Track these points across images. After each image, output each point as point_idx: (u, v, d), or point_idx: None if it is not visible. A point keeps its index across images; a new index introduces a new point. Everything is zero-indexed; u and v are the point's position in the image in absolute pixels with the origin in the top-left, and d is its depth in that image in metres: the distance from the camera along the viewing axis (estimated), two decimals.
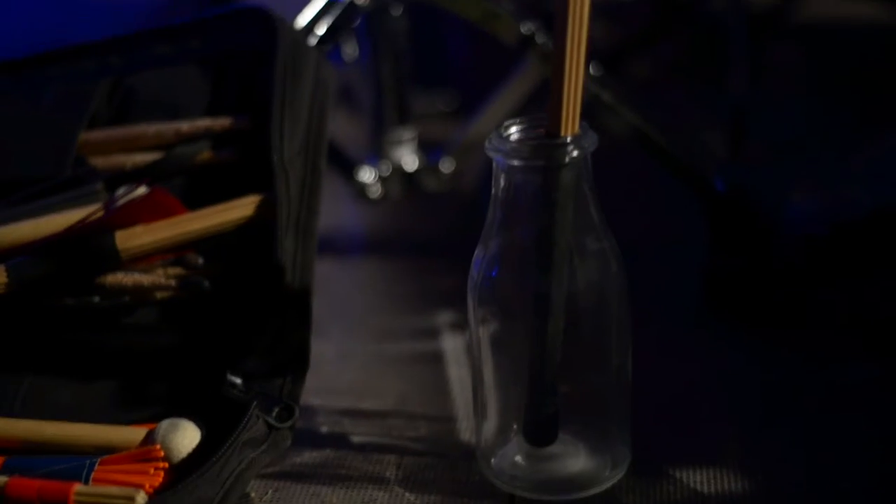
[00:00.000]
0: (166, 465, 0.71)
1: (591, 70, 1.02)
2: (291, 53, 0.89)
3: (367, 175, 1.04)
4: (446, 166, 1.05)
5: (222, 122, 0.88)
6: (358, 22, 1.01)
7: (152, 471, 0.70)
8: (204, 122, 0.89)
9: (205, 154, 0.88)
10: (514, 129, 0.71)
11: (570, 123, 0.69)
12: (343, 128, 1.30)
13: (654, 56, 1.70)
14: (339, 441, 0.81)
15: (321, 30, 0.97)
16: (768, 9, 1.71)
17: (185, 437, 0.73)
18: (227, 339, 0.80)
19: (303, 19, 0.98)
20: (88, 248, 0.82)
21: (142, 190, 0.84)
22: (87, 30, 2.04)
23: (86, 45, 0.97)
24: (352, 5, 0.98)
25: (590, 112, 0.94)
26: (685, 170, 1.01)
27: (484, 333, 0.72)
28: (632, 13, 1.81)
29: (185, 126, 0.90)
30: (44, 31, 2.08)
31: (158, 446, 0.72)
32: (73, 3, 2.27)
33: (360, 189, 1.04)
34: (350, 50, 1.07)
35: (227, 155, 0.88)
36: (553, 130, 0.69)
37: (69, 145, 0.91)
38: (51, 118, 0.94)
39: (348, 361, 0.93)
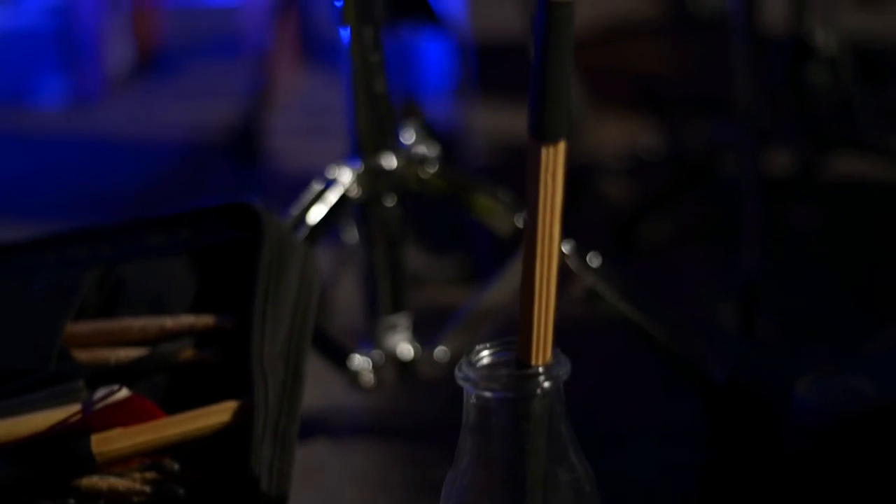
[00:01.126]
0: None
1: (590, 261, 1.01)
2: (278, 251, 0.89)
3: (360, 363, 1.02)
4: (441, 354, 1.04)
5: (206, 321, 0.88)
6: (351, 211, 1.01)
7: None
8: (188, 320, 0.88)
9: (188, 352, 0.87)
10: (484, 355, 0.69)
11: (542, 351, 0.67)
12: (339, 311, 1.29)
13: (671, 218, 1.69)
14: None
15: (314, 220, 0.96)
16: (787, 173, 1.70)
17: None
18: None
19: (295, 209, 0.97)
20: (64, 451, 0.81)
21: (121, 394, 0.83)
22: (117, 176, 2.09)
23: (78, 232, 0.98)
24: (344, 196, 0.97)
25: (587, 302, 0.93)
26: (684, 364, 0.99)
27: None
28: (651, 175, 1.81)
29: (169, 322, 0.89)
30: (74, 175, 2.12)
31: None
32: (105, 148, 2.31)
33: (353, 377, 1.02)
34: (349, 233, 1.07)
35: (210, 354, 0.87)
36: (523, 358, 0.67)
37: (54, 338, 0.90)
38: (39, 307, 0.94)
39: None
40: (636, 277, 1.48)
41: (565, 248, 1.00)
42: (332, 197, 0.97)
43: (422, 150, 1.01)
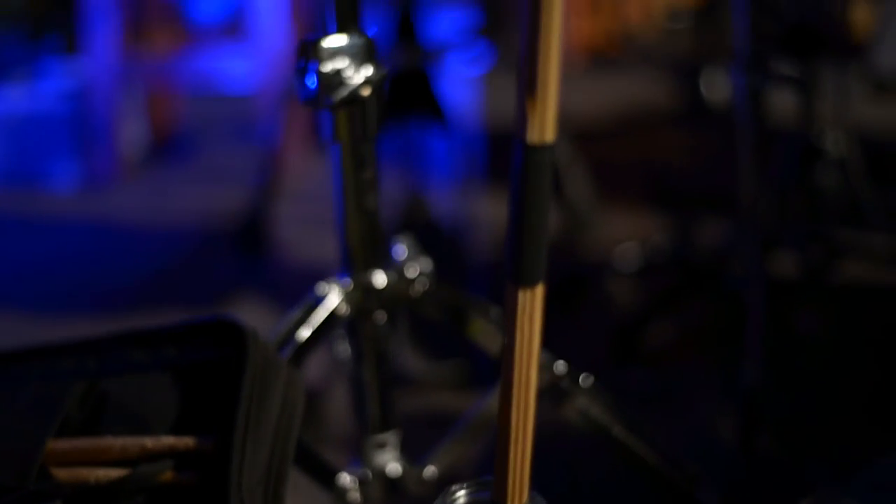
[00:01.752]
0: None
1: (582, 381, 0.99)
2: (261, 372, 0.87)
3: (347, 482, 1.00)
4: (430, 473, 1.02)
5: (186, 442, 0.86)
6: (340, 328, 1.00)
7: None
8: (168, 440, 0.87)
9: (167, 474, 0.86)
10: (460, 496, 0.67)
11: (518, 494, 0.65)
12: (331, 422, 1.27)
13: (675, 321, 1.67)
14: None
15: (301, 338, 0.95)
16: (795, 276, 1.69)
17: None
18: None
19: (282, 326, 0.96)
20: None
21: None
22: (123, 265, 2.10)
23: (65, 344, 0.97)
24: (333, 314, 0.96)
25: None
26: (676, 492, 0.96)
27: None
28: (657, 276, 1.80)
29: (149, 443, 0.88)
30: (79, 263, 2.12)
31: None
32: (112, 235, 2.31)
33: (340, 495, 1.00)
34: (340, 349, 1.05)
35: (189, 477, 0.85)
36: (499, 501, 0.65)
37: (35, 455, 0.89)
38: (22, 421, 0.93)
39: None
40: (635, 386, 1.47)
41: (558, 368, 0.99)
42: (321, 315, 0.96)
43: (414, 266, 1.00)
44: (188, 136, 3.21)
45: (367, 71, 0.94)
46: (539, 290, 0.63)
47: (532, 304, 0.63)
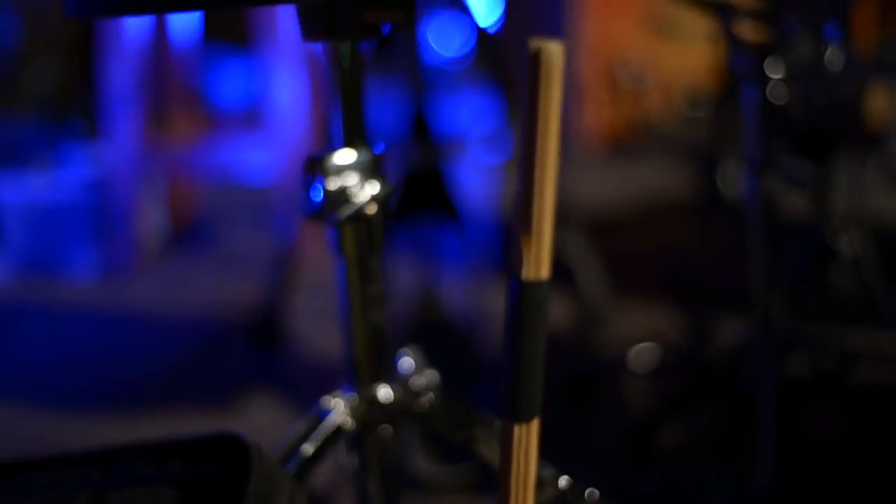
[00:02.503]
0: None
1: (587, 496, 0.99)
2: (264, 488, 0.87)
3: None
4: None
5: None
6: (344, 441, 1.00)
7: None
8: None
9: None
10: None
11: None
12: None
13: (688, 422, 1.66)
14: None
15: (306, 452, 0.95)
16: (808, 377, 1.68)
17: None
18: None
19: (286, 440, 0.96)
20: None
21: None
22: (138, 358, 2.11)
23: (72, 455, 0.97)
24: (338, 429, 0.96)
25: None
26: None
27: None
28: (670, 376, 1.79)
29: None
30: (94, 354, 2.13)
31: None
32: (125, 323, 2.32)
33: None
34: (345, 459, 1.05)
35: None
36: None
37: None
38: None
39: None
40: (646, 490, 1.45)
41: (562, 484, 0.98)
42: (326, 429, 0.96)
43: (420, 380, 1.00)
44: (208, 226, 3.23)
45: (374, 188, 0.95)
46: (535, 425, 0.64)
47: (528, 438, 0.64)
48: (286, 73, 2.71)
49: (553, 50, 0.61)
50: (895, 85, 3.09)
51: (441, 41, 2.18)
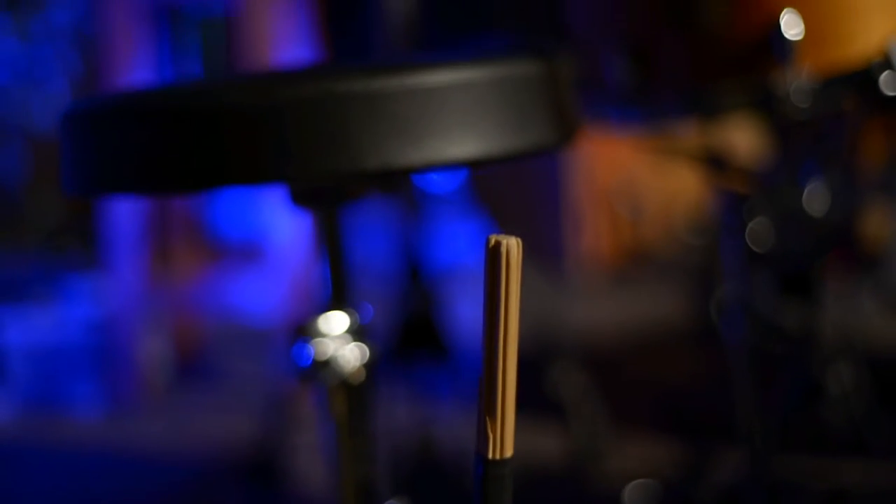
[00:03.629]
0: None
1: None
2: None
3: None
4: None
5: None
6: None
7: None
8: None
9: None
10: None
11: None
12: None
13: None
14: None
15: None
16: None
17: None
18: None
19: None
20: None
21: None
22: (136, 497, 2.12)
23: None
24: None
25: None
26: None
27: None
28: None
29: None
30: (92, 494, 2.15)
31: None
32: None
33: None
34: None
35: None
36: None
37: None
38: None
39: None
40: None
41: None
42: None
43: None
44: (212, 361, 3.27)
45: (361, 353, 0.99)
46: None
47: None
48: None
49: (511, 244, 0.66)
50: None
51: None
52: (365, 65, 0.98)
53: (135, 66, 2.66)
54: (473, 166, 1.81)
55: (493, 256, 0.65)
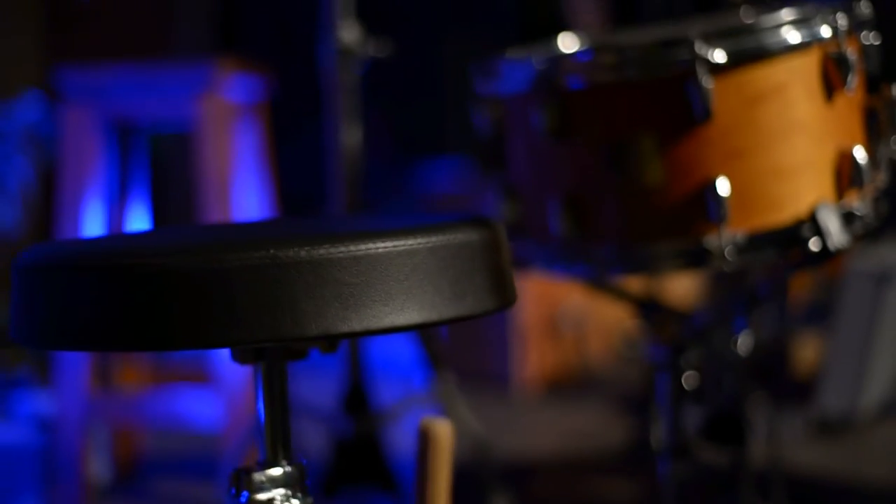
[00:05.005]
0: None
1: None
2: None
3: None
4: None
5: None
6: None
7: None
8: None
9: None
10: None
11: None
12: None
13: None
14: None
15: None
16: None
17: None
18: None
19: None
20: None
21: None
22: None
23: None
24: None
25: None
26: None
27: None
28: None
29: None
30: None
31: None
32: None
33: None
34: None
35: None
36: None
37: None
38: None
39: None
40: None
41: None
42: None
43: None
44: (152, 471, 3.25)
45: (297, 501, 1.02)
46: None
47: None
48: None
49: (441, 429, 0.69)
50: (825, 332, 3.21)
51: None
52: (310, 230, 1.02)
53: (87, 175, 2.69)
54: (414, 331, 1.86)
55: (425, 439, 0.69)
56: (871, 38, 1.50)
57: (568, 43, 1.74)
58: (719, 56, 1.38)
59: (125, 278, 0.96)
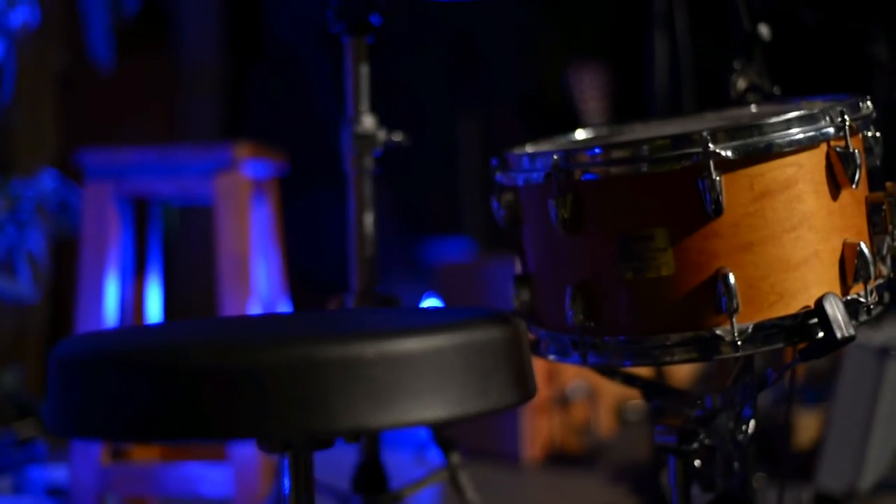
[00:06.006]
0: None
1: None
2: None
3: None
4: None
5: None
6: None
7: None
8: None
9: None
10: None
11: None
12: None
13: None
14: None
15: None
16: None
17: None
18: None
19: None
20: None
21: None
22: None
23: None
24: None
25: None
26: None
27: None
28: None
29: None
30: None
31: None
32: None
33: None
34: None
35: None
36: None
37: None
38: None
39: None
40: None
41: None
42: None
43: None
44: None
45: None
46: None
47: None
48: None
49: None
50: (826, 405, 3.23)
51: None
52: (340, 328, 1.07)
53: (106, 249, 2.75)
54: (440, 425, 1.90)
55: None
56: (874, 134, 1.56)
57: (582, 136, 1.80)
58: (729, 153, 1.43)
59: (165, 375, 1.01)
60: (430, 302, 4.10)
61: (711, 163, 1.43)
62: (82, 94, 4.51)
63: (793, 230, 1.46)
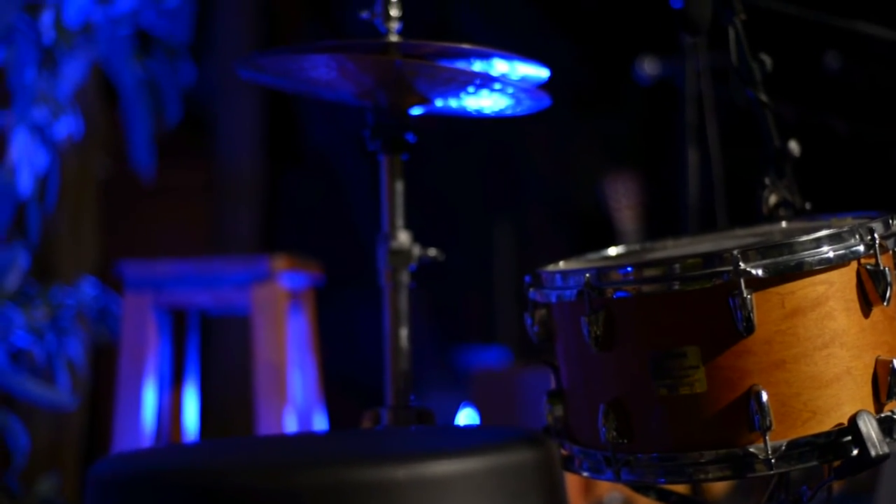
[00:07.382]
0: None
1: None
2: None
3: None
4: None
5: None
6: None
7: None
8: None
9: None
10: None
11: None
12: None
13: None
14: None
15: None
16: None
17: None
18: None
19: None
20: None
21: None
22: None
23: None
24: None
25: None
26: None
27: None
28: None
29: None
30: None
31: None
32: None
33: None
34: None
35: None
36: None
37: None
38: None
39: None
40: None
41: None
42: None
43: None
44: None
45: None
46: None
47: None
48: None
49: None
50: None
51: None
52: (374, 450, 1.08)
53: (145, 357, 2.79)
54: None
55: None
56: None
57: (614, 253, 1.82)
58: (760, 271, 1.45)
59: (203, 498, 1.02)
60: (467, 412, 4.09)
61: (742, 281, 1.44)
62: (123, 201, 4.58)
63: (824, 347, 1.46)
